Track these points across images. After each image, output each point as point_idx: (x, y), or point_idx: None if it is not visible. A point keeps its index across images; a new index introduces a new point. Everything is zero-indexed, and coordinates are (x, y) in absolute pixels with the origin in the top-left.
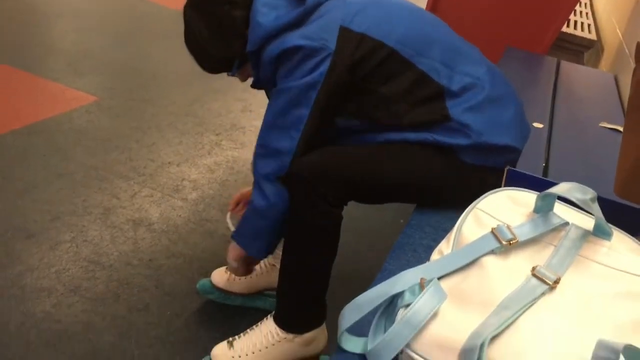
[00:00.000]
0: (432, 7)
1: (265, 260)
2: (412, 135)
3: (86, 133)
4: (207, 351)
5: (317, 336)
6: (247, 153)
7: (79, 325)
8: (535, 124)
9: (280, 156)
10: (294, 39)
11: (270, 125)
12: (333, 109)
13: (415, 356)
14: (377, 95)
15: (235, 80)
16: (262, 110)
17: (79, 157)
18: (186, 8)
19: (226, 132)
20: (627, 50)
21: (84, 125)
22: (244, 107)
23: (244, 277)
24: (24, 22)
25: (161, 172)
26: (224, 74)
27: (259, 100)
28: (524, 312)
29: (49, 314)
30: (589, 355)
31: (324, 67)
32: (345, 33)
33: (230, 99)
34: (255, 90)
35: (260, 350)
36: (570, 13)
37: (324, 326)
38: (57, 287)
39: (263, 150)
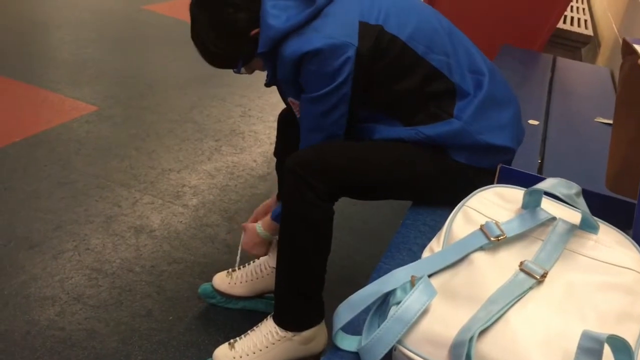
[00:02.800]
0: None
1: (266, 263)
2: (410, 132)
3: (86, 142)
4: (210, 355)
5: (317, 334)
6: (247, 158)
7: (82, 333)
8: (531, 121)
9: None
10: (315, 40)
11: (311, 129)
12: (358, 97)
13: (407, 351)
14: (391, 91)
15: (234, 86)
16: (261, 115)
17: (79, 166)
18: (192, 6)
19: (225, 138)
20: None
21: (84, 135)
22: (243, 113)
23: (245, 280)
24: (23, 33)
25: (161, 179)
26: (230, 70)
27: (258, 105)
28: (512, 305)
29: (53, 322)
30: (575, 345)
31: (351, 64)
32: (364, 27)
33: (229, 104)
34: (254, 96)
35: (260, 350)
36: (565, 10)
37: (323, 324)
38: (61, 296)
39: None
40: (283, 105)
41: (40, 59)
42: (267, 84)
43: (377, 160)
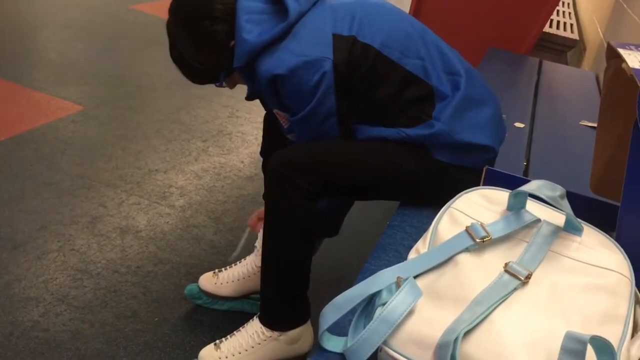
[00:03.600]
0: (416, 8)
1: (252, 263)
2: (392, 132)
3: (72, 142)
4: (196, 355)
5: (303, 334)
6: (234, 159)
7: (67, 334)
8: (517, 124)
9: None
10: (290, 57)
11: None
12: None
13: (393, 352)
14: (370, 99)
15: (221, 87)
16: (249, 116)
17: (65, 166)
18: (169, 24)
19: (213, 139)
20: None
21: (70, 135)
22: (231, 113)
23: (231, 281)
24: (9, 32)
25: (148, 179)
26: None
27: (245, 106)
28: (496, 307)
29: (37, 323)
30: (559, 346)
31: (329, 77)
32: (338, 39)
33: (217, 105)
34: (241, 96)
35: (246, 350)
36: (552, 14)
37: (309, 324)
38: (45, 296)
39: None
40: None
41: (26, 58)
42: (247, 98)
43: (360, 158)
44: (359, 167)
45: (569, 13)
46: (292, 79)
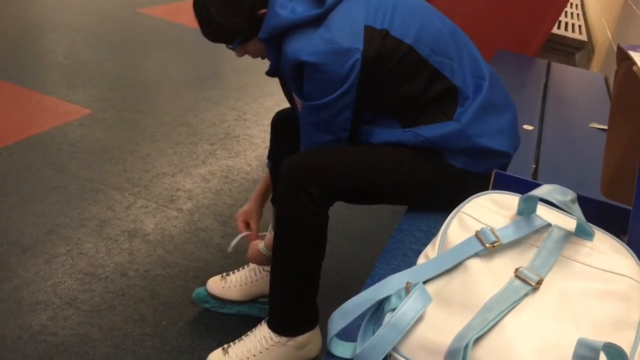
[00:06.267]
0: None
1: (260, 267)
2: (409, 135)
3: (80, 146)
4: None
5: (311, 339)
6: (242, 162)
7: (75, 338)
8: (526, 127)
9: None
10: (320, 44)
11: (314, 133)
12: (362, 101)
13: (402, 359)
14: (396, 93)
15: (228, 89)
16: (256, 119)
17: (73, 169)
18: None
19: (220, 142)
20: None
21: (78, 138)
22: (238, 116)
23: (239, 284)
24: (18, 36)
25: (156, 182)
26: (224, 74)
27: (253, 109)
28: (507, 313)
29: (45, 327)
30: (570, 353)
31: (357, 70)
32: (370, 31)
33: (224, 108)
34: (248, 99)
35: (254, 355)
36: (559, 15)
37: (317, 330)
38: (53, 300)
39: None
40: (278, 109)
41: (35, 62)
42: (268, 73)
43: (373, 165)
44: (373, 175)
45: (577, 14)
46: (321, 66)
